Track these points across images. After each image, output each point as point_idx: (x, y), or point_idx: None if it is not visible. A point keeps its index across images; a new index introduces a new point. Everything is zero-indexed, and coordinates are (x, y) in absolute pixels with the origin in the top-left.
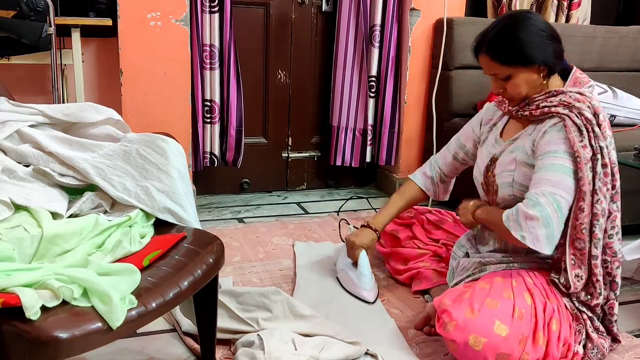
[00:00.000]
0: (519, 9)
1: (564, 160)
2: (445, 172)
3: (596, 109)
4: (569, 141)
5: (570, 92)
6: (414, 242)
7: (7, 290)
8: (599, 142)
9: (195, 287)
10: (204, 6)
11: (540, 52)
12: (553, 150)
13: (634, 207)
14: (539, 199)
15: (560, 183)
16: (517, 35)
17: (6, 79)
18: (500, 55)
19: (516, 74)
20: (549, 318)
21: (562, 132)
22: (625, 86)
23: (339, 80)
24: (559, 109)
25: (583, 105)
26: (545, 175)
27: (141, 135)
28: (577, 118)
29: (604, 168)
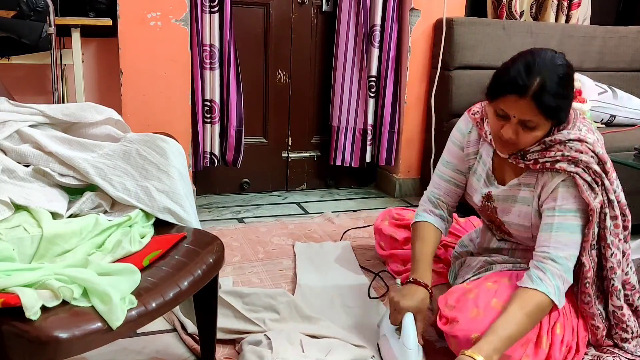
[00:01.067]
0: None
1: (578, 219)
2: (451, 203)
3: (601, 157)
4: (582, 199)
5: (570, 142)
6: None
7: (7, 290)
8: (608, 195)
9: (195, 287)
10: (204, 6)
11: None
12: (568, 209)
13: (634, 207)
14: (569, 264)
15: (577, 244)
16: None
17: (6, 79)
18: (545, 106)
19: (544, 126)
20: (553, 322)
21: (572, 188)
22: (625, 86)
23: (339, 80)
24: (564, 165)
25: (588, 157)
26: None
27: (141, 135)
28: (586, 174)
29: (614, 220)
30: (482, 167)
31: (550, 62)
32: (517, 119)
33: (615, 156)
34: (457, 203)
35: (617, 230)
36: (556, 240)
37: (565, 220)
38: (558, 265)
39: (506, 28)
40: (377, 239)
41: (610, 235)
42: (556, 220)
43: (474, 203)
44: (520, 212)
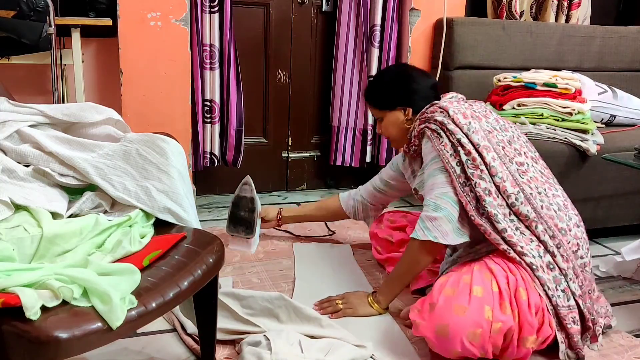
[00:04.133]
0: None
1: (438, 163)
2: (370, 201)
3: (445, 108)
4: (434, 149)
5: (425, 110)
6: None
7: (7, 290)
8: (455, 135)
9: (195, 287)
10: (204, 6)
11: (401, 97)
12: (429, 159)
13: (634, 207)
14: (436, 202)
15: (443, 182)
16: (383, 84)
17: (6, 79)
18: (372, 100)
19: (385, 116)
20: (514, 289)
21: (428, 142)
22: (625, 86)
23: (339, 80)
24: (420, 126)
25: (435, 113)
26: (432, 181)
27: (141, 135)
28: (433, 125)
29: (469, 155)
30: (405, 171)
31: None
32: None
33: (615, 156)
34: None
35: (475, 163)
36: (427, 188)
37: (429, 169)
38: (425, 208)
39: (506, 28)
40: (374, 243)
41: (469, 168)
42: (425, 174)
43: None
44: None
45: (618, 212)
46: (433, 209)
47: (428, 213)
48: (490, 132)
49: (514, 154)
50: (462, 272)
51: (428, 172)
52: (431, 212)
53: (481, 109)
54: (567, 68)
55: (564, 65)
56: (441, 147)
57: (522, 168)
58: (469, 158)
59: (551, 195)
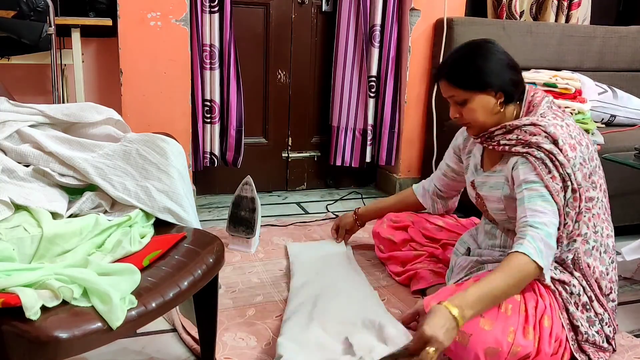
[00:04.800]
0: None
1: (544, 188)
2: (441, 189)
3: (553, 136)
4: (539, 174)
5: (525, 127)
6: (410, 245)
7: (7, 290)
8: (565, 169)
9: (195, 287)
10: (204, 6)
11: (496, 79)
12: (531, 181)
13: (634, 207)
14: (549, 229)
15: (553, 212)
16: (475, 61)
17: (6, 79)
18: (458, 79)
19: (472, 98)
20: (540, 315)
21: (528, 165)
22: (625, 86)
23: (339, 80)
24: (518, 148)
25: (540, 138)
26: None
27: (141, 135)
28: (537, 152)
29: (574, 193)
30: (473, 161)
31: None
32: (449, 100)
33: (615, 156)
34: (447, 191)
35: (575, 203)
36: (530, 209)
37: (533, 190)
38: (537, 230)
39: (506, 28)
40: (376, 242)
41: (568, 207)
42: (525, 194)
43: (470, 196)
44: (494, 196)
45: (618, 212)
46: (547, 236)
47: (544, 238)
48: (581, 165)
49: (588, 187)
50: None
51: (533, 192)
52: (547, 238)
53: (576, 132)
54: (567, 68)
55: (564, 65)
56: (549, 179)
57: (589, 204)
58: (572, 196)
59: (605, 235)
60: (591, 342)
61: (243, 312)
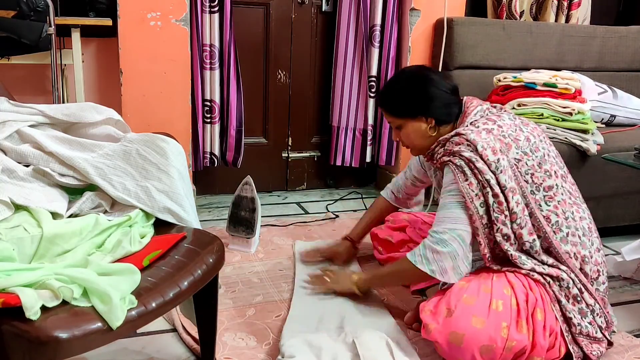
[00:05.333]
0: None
1: (456, 197)
2: (408, 193)
3: (473, 142)
4: (457, 182)
5: (452, 138)
6: (408, 246)
7: (7, 290)
8: (484, 176)
9: (195, 287)
10: (204, 6)
11: (424, 107)
12: (447, 190)
13: (634, 207)
14: (442, 236)
15: (458, 218)
16: (405, 91)
17: (6, 79)
18: (390, 108)
19: (405, 124)
20: (532, 308)
21: (450, 174)
22: (625, 86)
23: (339, 80)
24: (445, 157)
25: (462, 147)
26: (444, 214)
27: (141, 135)
28: (458, 160)
29: (496, 198)
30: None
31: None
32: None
33: (615, 156)
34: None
35: (502, 207)
36: (437, 218)
37: (445, 200)
38: (430, 238)
39: (506, 28)
40: (375, 244)
41: (494, 212)
42: (440, 202)
43: None
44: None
45: (618, 212)
46: (438, 242)
47: (432, 245)
48: (520, 161)
49: (543, 177)
50: (481, 279)
51: (444, 201)
52: (435, 244)
53: (511, 130)
54: (567, 68)
55: (564, 65)
56: (465, 186)
57: (549, 193)
58: (495, 201)
59: (578, 218)
60: (585, 334)
61: (243, 312)
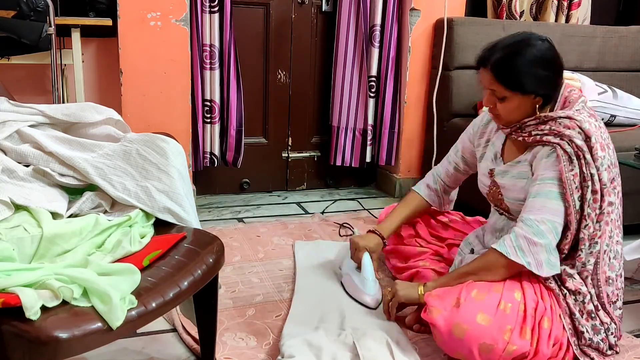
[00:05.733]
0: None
1: (556, 187)
2: (448, 184)
3: (587, 132)
4: (559, 170)
5: (560, 119)
6: (416, 240)
7: (7, 290)
8: (590, 169)
9: (195, 287)
10: (204, 6)
11: (540, 85)
12: (547, 177)
13: (634, 207)
14: (540, 226)
15: (556, 210)
16: (524, 64)
17: (6, 79)
18: (505, 77)
19: (512, 98)
20: (540, 316)
21: (552, 158)
22: (625, 86)
23: (339, 80)
24: (550, 137)
25: (573, 132)
26: (544, 203)
27: (141, 135)
28: (568, 146)
29: (594, 194)
30: (491, 150)
31: (516, 40)
32: (488, 89)
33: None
34: (454, 185)
35: (596, 204)
36: (532, 205)
37: (544, 187)
38: (525, 227)
39: (506, 28)
40: None
41: (588, 207)
42: (536, 188)
43: (482, 185)
44: (516, 186)
45: None
46: (535, 233)
47: (528, 235)
48: (609, 167)
49: (610, 192)
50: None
51: (542, 189)
52: (532, 235)
53: (606, 135)
54: (567, 68)
55: (564, 65)
56: (570, 176)
57: (609, 209)
58: (592, 197)
59: (615, 242)
60: (594, 348)
61: (243, 312)
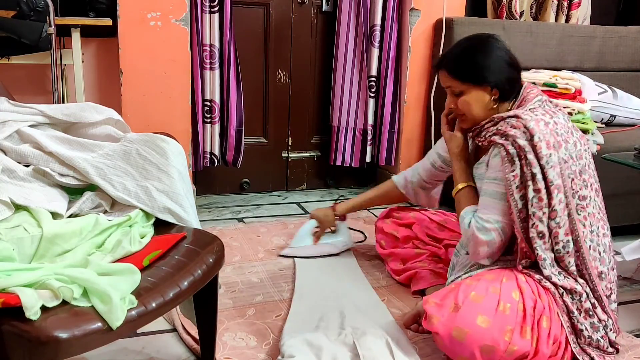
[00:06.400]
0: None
1: (500, 187)
2: (425, 179)
3: (531, 131)
4: (503, 170)
5: (509, 118)
6: (413, 242)
7: (7, 290)
8: (531, 168)
9: (195, 287)
10: (204, 6)
11: (494, 75)
12: (492, 177)
13: (634, 207)
14: (485, 225)
15: (501, 210)
16: (475, 56)
17: (6, 79)
18: (457, 71)
19: (468, 91)
20: (539, 315)
21: (498, 159)
22: (625, 86)
23: (339, 80)
24: (496, 137)
25: (518, 132)
26: (489, 202)
27: (141, 135)
28: (511, 147)
29: (537, 193)
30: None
31: (469, 37)
32: (446, 89)
33: (615, 156)
34: (431, 181)
35: (541, 203)
36: (481, 203)
37: (489, 186)
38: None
39: (506, 28)
40: (378, 237)
41: (532, 207)
42: (484, 187)
43: None
44: (480, 188)
45: (618, 212)
46: (479, 229)
47: (477, 232)
48: (566, 162)
49: (580, 186)
50: (490, 280)
51: (489, 188)
52: (479, 231)
53: (564, 130)
54: (567, 68)
55: (564, 65)
56: (510, 176)
57: (583, 203)
58: (535, 196)
59: (602, 234)
60: (595, 346)
61: (243, 312)
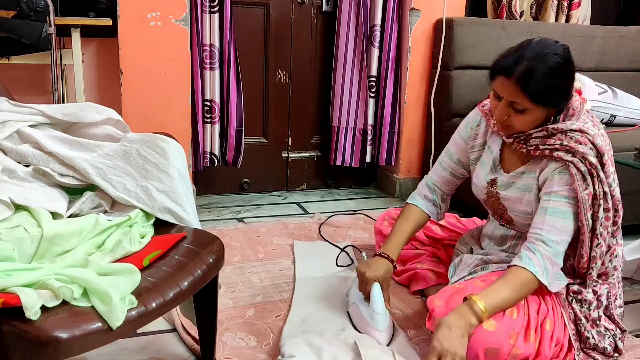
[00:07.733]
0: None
1: (571, 206)
2: (446, 192)
3: (600, 149)
4: (573, 189)
5: (571, 133)
6: (412, 243)
7: (7, 290)
8: (603, 187)
9: (195, 287)
10: (204, 6)
11: (562, 98)
12: (562, 196)
13: (634, 207)
14: (559, 247)
15: (571, 231)
16: (551, 76)
17: (6, 79)
18: (531, 90)
19: (534, 111)
20: (542, 317)
21: (566, 175)
22: (625, 86)
23: (339, 80)
24: (561, 154)
25: (586, 149)
26: (561, 223)
27: (141, 135)
28: (581, 164)
29: (606, 212)
30: (489, 156)
31: (542, 50)
32: (507, 101)
33: (616, 156)
34: (452, 191)
35: (607, 222)
36: (550, 224)
37: (559, 205)
38: (548, 248)
39: (506, 28)
40: (377, 239)
41: (600, 226)
42: (551, 205)
43: (479, 191)
44: (522, 199)
45: None
46: (556, 254)
47: (552, 257)
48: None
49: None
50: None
51: (558, 207)
52: (553, 256)
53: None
54: None
55: None
56: (584, 195)
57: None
58: (605, 215)
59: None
60: (600, 351)
61: (243, 312)
